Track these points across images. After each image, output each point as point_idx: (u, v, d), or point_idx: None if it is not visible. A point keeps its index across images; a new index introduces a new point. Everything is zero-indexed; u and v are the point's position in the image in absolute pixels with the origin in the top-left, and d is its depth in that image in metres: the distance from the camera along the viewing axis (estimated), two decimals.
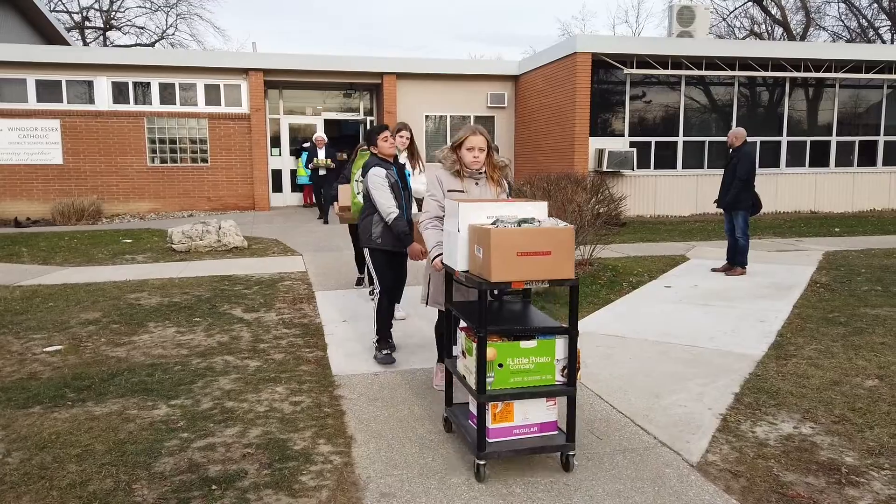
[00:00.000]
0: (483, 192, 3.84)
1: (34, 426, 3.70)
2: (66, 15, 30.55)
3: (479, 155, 3.77)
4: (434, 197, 3.85)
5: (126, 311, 6.39)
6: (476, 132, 3.76)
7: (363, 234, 4.76)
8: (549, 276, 3.00)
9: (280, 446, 3.44)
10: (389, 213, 4.54)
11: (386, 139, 4.75)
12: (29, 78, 14.57)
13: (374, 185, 4.61)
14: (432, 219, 3.83)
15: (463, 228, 3.19)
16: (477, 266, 3.09)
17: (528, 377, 3.08)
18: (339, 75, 16.01)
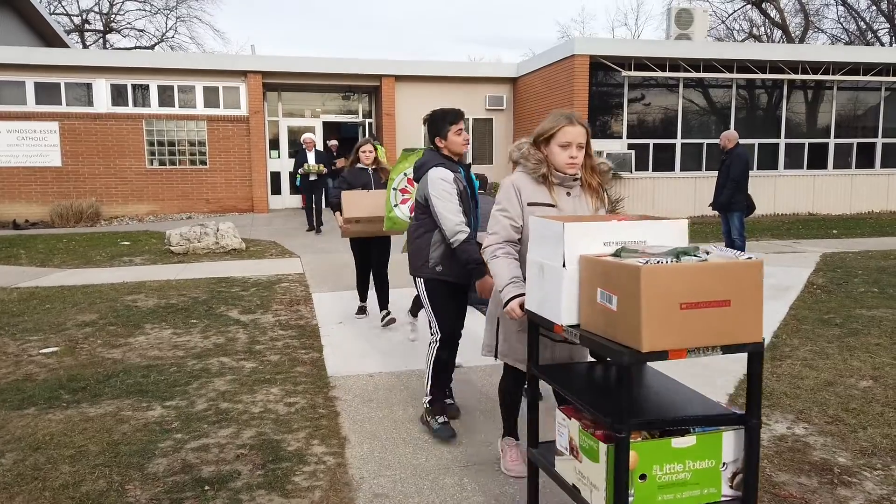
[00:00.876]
0: (578, 206, 2.80)
1: (28, 427, 3.71)
2: (65, 17, 30.61)
3: (578, 154, 2.72)
4: (506, 212, 2.76)
5: (123, 312, 6.39)
6: (573, 121, 2.70)
7: (414, 260, 3.64)
8: (727, 338, 2.02)
9: (274, 447, 3.44)
10: (458, 231, 3.38)
11: (460, 132, 3.59)
12: (28, 80, 14.59)
13: (437, 192, 3.43)
14: (502, 243, 2.76)
15: (572, 261, 2.17)
16: (605, 323, 2.05)
17: (684, 492, 2.09)
18: (338, 77, 16.03)
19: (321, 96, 17.30)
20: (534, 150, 2.78)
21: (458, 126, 3.58)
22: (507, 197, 2.78)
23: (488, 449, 3.43)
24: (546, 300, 2.31)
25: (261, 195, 15.80)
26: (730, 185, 8.01)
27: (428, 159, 3.60)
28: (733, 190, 8.00)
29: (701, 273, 1.94)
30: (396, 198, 4.91)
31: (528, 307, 2.45)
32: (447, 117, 3.58)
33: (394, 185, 4.86)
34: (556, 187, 2.76)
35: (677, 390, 2.38)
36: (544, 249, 2.31)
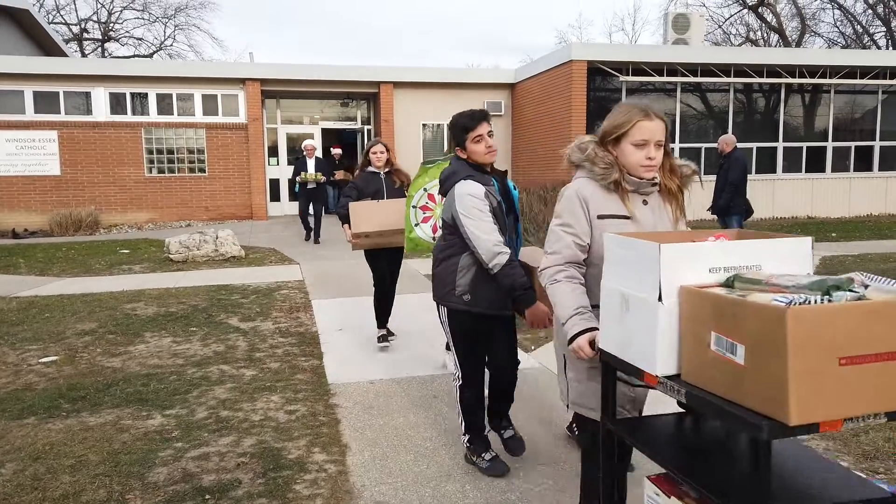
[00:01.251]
0: (658, 217, 2.32)
1: (28, 437, 3.70)
2: (64, 27, 30.69)
3: (656, 154, 2.23)
4: (569, 228, 2.27)
5: (122, 321, 6.38)
6: (650, 114, 2.21)
7: (439, 285, 3.18)
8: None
9: (274, 455, 3.43)
10: (496, 253, 2.89)
11: (480, 139, 3.08)
12: (27, 89, 14.60)
13: (465, 209, 2.96)
14: (564, 265, 2.26)
15: (670, 293, 1.70)
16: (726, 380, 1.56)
17: None
18: (337, 84, 16.06)
19: (320, 103, 17.33)
20: (601, 151, 2.29)
21: (475, 133, 3.06)
22: (570, 209, 2.28)
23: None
24: (631, 341, 1.82)
25: (260, 202, 15.80)
26: (728, 189, 8.03)
27: (454, 171, 3.10)
28: (732, 194, 8.02)
29: (866, 316, 1.45)
30: (417, 216, 4.31)
31: (604, 347, 1.96)
32: (462, 123, 3.10)
33: (413, 203, 4.30)
34: (630, 195, 2.27)
35: (815, 461, 1.81)
36: (628, 276, 1.82)
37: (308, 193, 11.90)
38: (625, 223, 2.25)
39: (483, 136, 3.08)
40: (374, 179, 5.29)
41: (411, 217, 4.37)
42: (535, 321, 2.92)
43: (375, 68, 16.25)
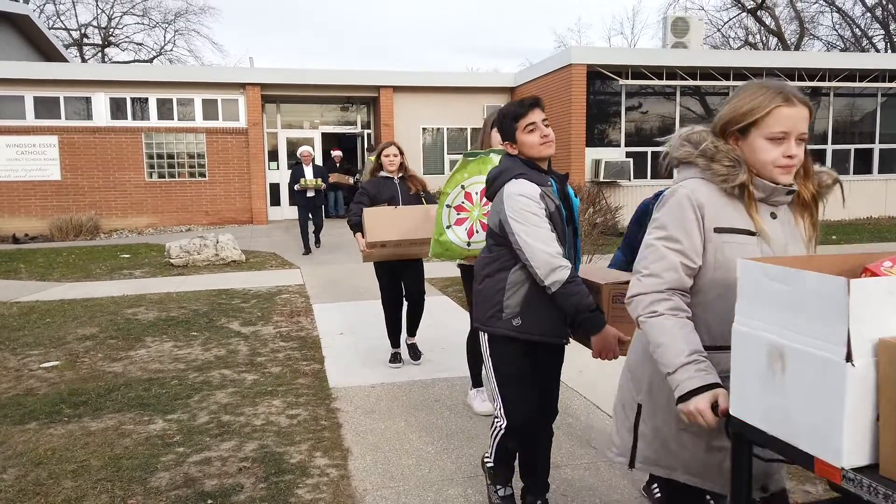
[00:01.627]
0: (790, 235, 1.82)
1: (30, 442, 3.69)
2: (64, 32, 30.77)
3: (797, 152, 1.73)
4: (676, 244, 1.75)
5: (123, 326, 6.38)
6: (791, 98, 1.70)
7: (482, 307, 2.65)
8: None
9: (276, 460, 3.43)
10: (555, 268, 2.39)
11: (533, 127, 2.58)
12: (27, 95, 14.63)
13: (517, 214, 2.47)
14: (667, 292, 1.74)
15: (863, 352, 1.24)
16: None
17: None
18: (336, 89, 16.09)
19: (320, 107, 17.36)
20: (723, 145, 1.77)
21: (527, 121, 2.58)
22: (678, 218, 1.74)
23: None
24: (791, 414, 1.35)
25: (260, 207, 15.82)
26: None
27: (505, 168, 2.63)
28: None
29: None
30: (450, 217, 3.70)
31: (740, 415, 1.48)
32: (511, 111, 2.63)
33: (447, 202, 3.70)
34: (760, 205, 1.76)
35: None
36: (787, 321, 1.35)
37: (308, 204, 11.21)
38: (748, 241, 1.74)
39: (537, 125, 2.57)
40: (387, 185, 4.78)
41: (443, 218, 3.74)
42: (604, 350, 2.42)
43: (375, 72, 16.28)
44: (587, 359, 5.05)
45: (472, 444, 3.60)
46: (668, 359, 1.67)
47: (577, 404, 4.18)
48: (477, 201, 3.59)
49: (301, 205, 11.26)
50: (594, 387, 4.49)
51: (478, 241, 3.58)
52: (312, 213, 11.30)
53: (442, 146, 16.68)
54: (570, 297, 2.39)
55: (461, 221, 3.70)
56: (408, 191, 4.80)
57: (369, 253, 4.57)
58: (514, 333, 2.57)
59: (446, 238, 3.73)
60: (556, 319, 2.56)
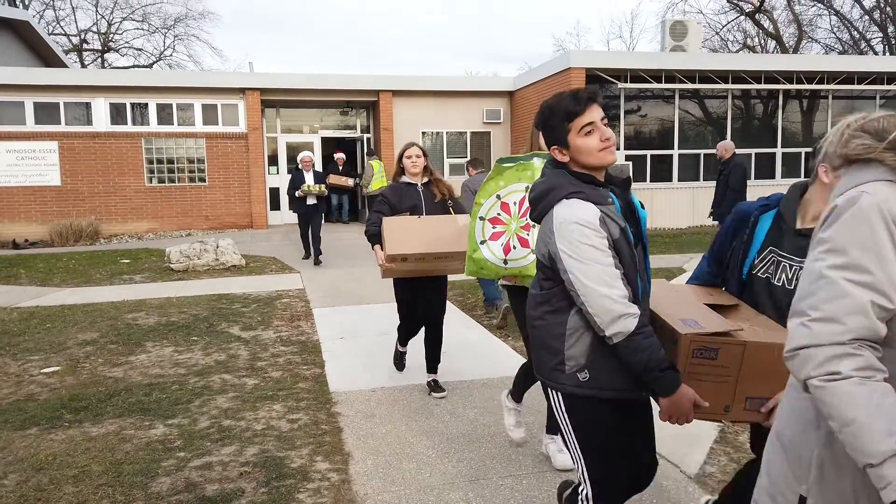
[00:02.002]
0: None
1: (31, 448, 3.69)
2: (64, 38, 30.82)
3: None
4: (862, 274, 1.28)
5: (124, 331, 6.38)
6: None
7: (542, 357, 2.17)
8: None
9: (277, 464, 3.43)
10: (619, 315, 1.94)
11: (591, 129, 2.06)
12: (27, 100, 14.65)
13: (571, 245, 1.99)
14: (855, 346, 1.28)
15: None
16: None
17: None
18: (336, 93, 16.11)
19: (319, 112, 17.38)
20: None
21: (584, 120, 2.03)
22: (864, 239, 1.28)
23: (493, 462, 3.42)
24: None
25: (260, 211, 15.83)
26: (730, 195, 8.08)
27: (553, 185, 2.07)
28: (733, 199, 8.07)
29: None
30: (485, 231, 3.25)
31: None
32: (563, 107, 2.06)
33: (480, 214, 3.25)
34: None
35: None
36: None
37: (308, 212, 10.48)
38: None
39: (596, 125, 2.03)
40: (409, 192, 4.27)
41: (476, 232, 3.28)
42: (675, 415, 1.98)
43: (375, 77, 16.31)
44: None
45: (472, 448, 3.60)
46: (867, 444, 1.20)
47: None
48: (515, 213, 3.16)
49: (301, 212, 10.56)
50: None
51: (515, 259, 3.19)
52: (312, 221, 10.55)
53: (442, 150, 16.70)
54: (638, 352, 1.93)
55: (497, 236, 3.24)
56: (432, 198, 4.29)
57: (389, 268, 4.05)
58: (584, 391, 2.07)
59: (480, 255, 3.28)
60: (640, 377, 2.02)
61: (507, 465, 3.37)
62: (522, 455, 3.50)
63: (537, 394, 3.74)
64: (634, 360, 1.95)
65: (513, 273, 3.24)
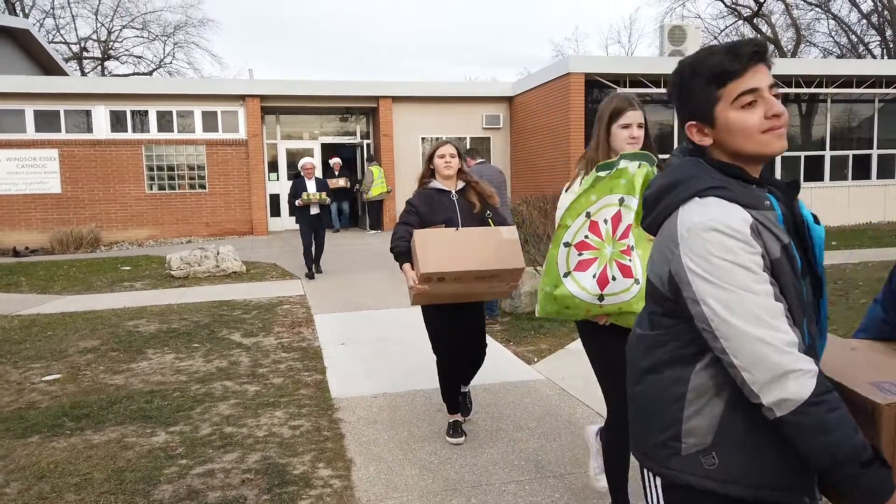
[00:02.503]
0: None
1: (32, 456, 3.69)
2: (63, 46, 30.89)
3: None
4: None
5: (125, 338, 6.38)
6: None
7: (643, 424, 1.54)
8: None
9: (279, 471, 3.43)
10: (785, 373, 1.27)
11: (752, 100, 1.39)
12: (27, 108, 14.68)
13: (707, 265, 1.34)
14: None
15: None
16: None
17: None
18: (336, 100, 16.15)
19: (319, 118, 17.41)
20: None
21: (744, 85, 1.39)
22: None
23: (495, 468, 3.41)
24: None
25: (260, 218, 15.84)
26: None
27: (683, 176, 1.46)
28: None
29: None
30: (570, 260, 2.58)
31: None
32: (711, 66, 1.41)
33: (566, 238, 2.58)
34: None
35: None
36: None
37: (311, 222, 9.82)
38: None
39: (761, 93, 1.40)
40: (442, 201, 3.64)
41: (559, 262, 2.58)
42: None
43: (374, 83, 16.35)
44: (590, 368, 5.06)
45: (475, 454, 3.60)
46: None
47: (579, 413, 4.17)
48: (607, 234, 2.50)
49: (304, 222, 9.89)
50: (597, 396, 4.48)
51: (615, 293, 2.48)
52: (316, 232, 9.90)
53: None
54: (819, 433, 1.27)
55: (585, 265, 2.54)
56: (469, 208, 3.65)
57: (422, 290, 3.37)
58: (704, 483, 1.41)
59: (564, 291, 2.55)
60: (789, 460, 1.38)
61: (509, 471, 3.37)
62: (525, 461, 3.50)
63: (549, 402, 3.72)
64: (813, 446, 1.28)
65: (609, 312, 2.54)
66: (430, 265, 3.30)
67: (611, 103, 2.68)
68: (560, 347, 5.68)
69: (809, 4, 29.77)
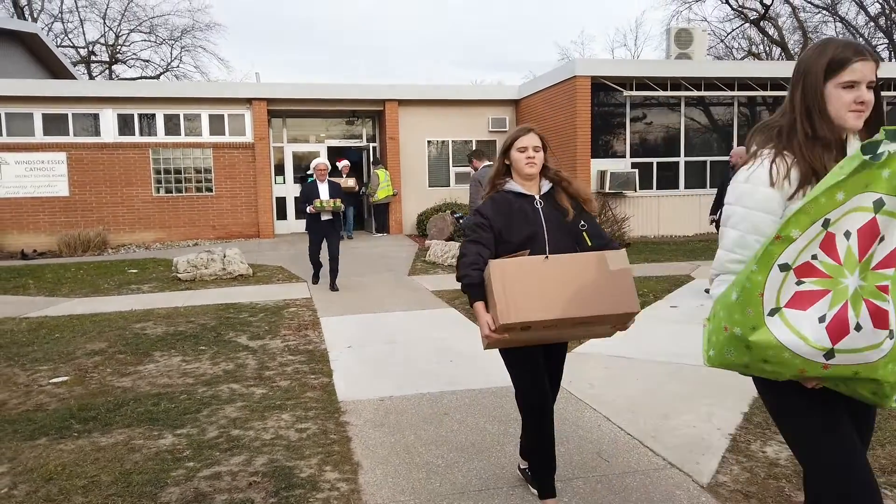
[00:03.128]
0: None
1: (40, 458, 3.69)
2: (72, 50, 31.07)
3: None
4: None
5: (132, 340, 6.39)
6: None
7: None
8: None
9: (286, 474, 3.42)
10: None
11: None
12: (36, 112, 14.76)
13: None
14: None
15: None
16: None
17: None
18: (342, 103, 16.19)
19: (325, 121, 17.46)
20: None
21: None
22: None
23: (502, 472, 3.40)
24: None
25: (266, 220, 15.88)
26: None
27: None
28: None
29: None
30: (784, 289, 1.71)
31: None
32: None
33: (783, 259, 1.70)
34: None
35: None
36: None
37: (322, 229, 8.93)
38: None
39: None
40: (522, 209, 2.78)
41: (766, 290, 1.72)
42: None
43: (380, 86, 16.38)
44: (597, 371, 5.04)
45: (482, 458, 3.58)
46: None
47: (587, 417, 4.16)
48: (849, 254, 1.67)
49: (313, 230, 8.96)
50: (604, 400, 4.47)
51: (854, 350, 1.67)
52: (328, 241, 8.95)
53: (447, 159, 16.75)
54: None
55: (807, 299, 1.70)
56: (559, 217, 2.77)
57: (498, 339, 2.59)
58: None
59: (768, 337, 1.71)
60: None
61: (516, 476, 3.35)
62: None
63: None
64: None
65: (841, 375, 1.70)
66: (513, 313, 2.48)
67: (825, 51, 1.85)
68: (567, 351, 5.65)
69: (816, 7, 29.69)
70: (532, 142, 2.80)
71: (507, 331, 2.54)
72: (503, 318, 2.48)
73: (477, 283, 2.65)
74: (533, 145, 2.80)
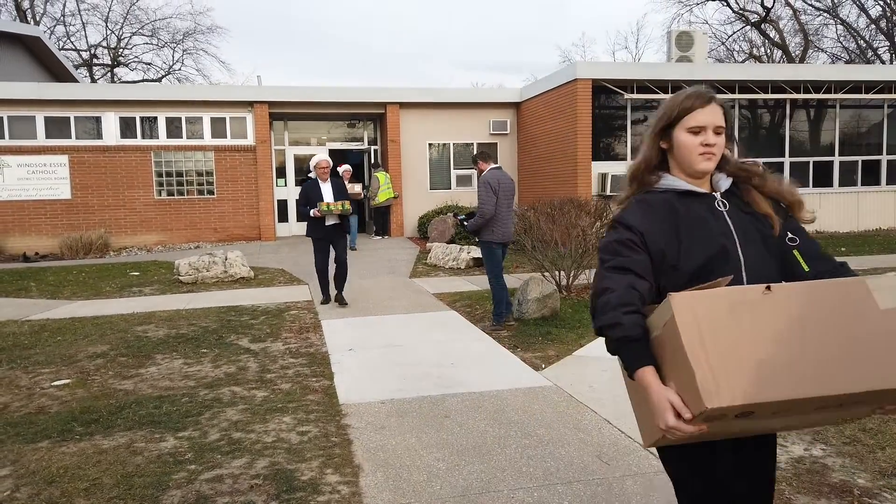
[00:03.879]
0: None
1: (42, 460, 3.71)
2: (74, 53, 31.14)
3: None
4: None
5: (133, 343, 6.41)
6: None
7: None
8: None
9: (287, 477, 3.43)
10: None
11: None
12: (38, 115, 14.80)
13: None
14: None
15: None
16: None
17: None
18: (343, 106, 16.22)
19: (327, 124, 17.49)
20: None
21: None
22: None
23: (503, 475, 3.40)
24: None
25: (268, 223, 15.90)
26: None
27: None
28: None
29: None
30: None
31: None
32: None
33: None
34: None
35: None
36: None
37: (327, 237, 7.82)
38: None
39: None
40: (696, 212, 1.82)
41: None
42: None
43: (382, 89, 16.41)
44: (597, 374, 5.05)
45: (483, 460, 3.59)
46: None
47: (588, 419, 4.16)
48: None
49: (318, 237, 7.84)
50: (605, 402, 4.47)
51: None
52: (335, 246, 7.90)
53: (449, 161, 16.77)
54: None
55: None
56: (754, 226, 1.83)
57: (693, 431, 1.50)
58: None
59: None
60: None
61: (517, 478, 3.36)
62: (533, 468, 3.49)
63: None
64: None
65: None
66: (729, 389, 1.43)
67: None
68: (568, 354, 5.67)
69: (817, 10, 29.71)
70: (713, 119, 1.82)
71: (715, 419, 1.48)
72: (712, 400, 1.42)
73: (635, 339, 1.63)
74: (715, 125, 1.82)
